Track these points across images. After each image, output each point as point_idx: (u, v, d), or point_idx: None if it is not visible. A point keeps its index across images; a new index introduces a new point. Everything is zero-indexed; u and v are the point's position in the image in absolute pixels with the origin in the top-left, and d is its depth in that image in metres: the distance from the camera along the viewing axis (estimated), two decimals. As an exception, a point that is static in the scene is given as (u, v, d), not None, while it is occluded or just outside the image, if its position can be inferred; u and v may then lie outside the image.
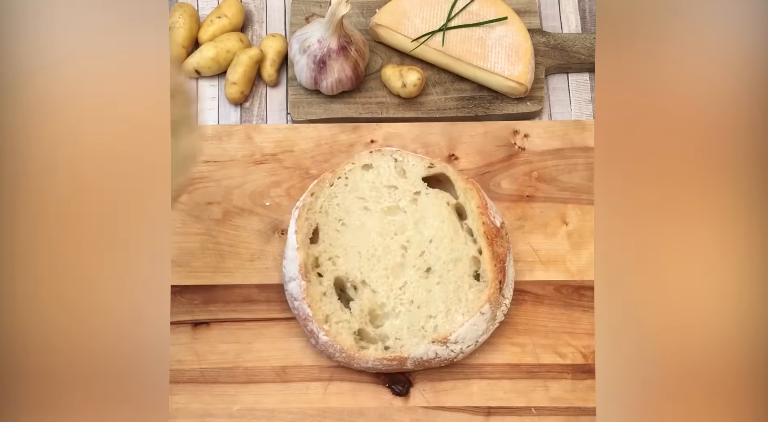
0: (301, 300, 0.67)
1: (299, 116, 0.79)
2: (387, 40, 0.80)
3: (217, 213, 0.74)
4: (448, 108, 0.79)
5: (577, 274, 0.73)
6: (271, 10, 0.84)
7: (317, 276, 0.68)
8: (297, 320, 0.69)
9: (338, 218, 0.70)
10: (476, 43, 0.78)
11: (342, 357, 0.67)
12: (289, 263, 0.68)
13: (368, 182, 0.71)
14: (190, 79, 0.81)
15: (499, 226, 0.69)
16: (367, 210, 0.70)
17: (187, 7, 0.80)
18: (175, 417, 0.68)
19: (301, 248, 0.67)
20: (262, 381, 0.69)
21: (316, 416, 0.68)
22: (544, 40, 0.81)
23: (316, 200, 0.70)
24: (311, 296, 0.67)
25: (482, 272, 0.68)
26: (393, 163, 0.71)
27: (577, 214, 0.75)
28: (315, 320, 0.66)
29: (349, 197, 0.70)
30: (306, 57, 0.76)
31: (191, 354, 0.70)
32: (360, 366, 0.67)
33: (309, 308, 0.66)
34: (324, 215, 0.70)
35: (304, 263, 0.67)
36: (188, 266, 0.72)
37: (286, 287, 0.68)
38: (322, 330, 0.66)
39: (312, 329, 0.67)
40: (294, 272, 0.67)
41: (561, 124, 0.78)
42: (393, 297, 0.68)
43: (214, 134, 0.76)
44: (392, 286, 0.68)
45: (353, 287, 0.68)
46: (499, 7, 0.79)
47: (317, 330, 0.66)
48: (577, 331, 0.71)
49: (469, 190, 0.70)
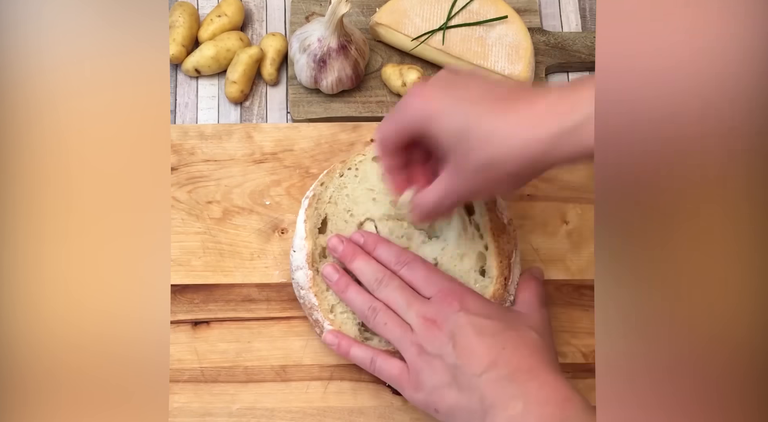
0: (307, 289, 0.67)
1: (299, 115, 0.79)
2: (387, 39, 0.80)
3: (217, 212, 0.74)
4: (449, 107, 0.79)
5: (577, 273, 0.73)
6: (271, 9, 0.84)
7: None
8: (302, 309, 0.69)
9: (347, 208, 0.70)
10: (476, 42, 0.78)
11: None
12: (297, 252, 0.68)
13: (378, 174, 0.71)
14: (190, 78, 0.81)
15: (506, 223, 0.69)
16: (375, 202, 0.70)
17: (187, 6, 0.80)
18: (175, 417, 0.68)
19: (309, 237, 0.68)
20: (262, 380, 0.69)
21: (316, 415, 0.68)
22: (545, 39, 0.81)
23: (325, 190, 0.70)
24: (318, 286, 0.67)
25: (488, 268, 0.68)
26: None
27: (577, 213, 0.75)
28: (321, 309, 0.66)
29: (358, 188, 0.70)
30: (306, 56, 0.76)
31: (191, 353, 0.70)
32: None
33: (315, 298, 0.66)
34: (333, 206, 0.70)
35: (311, 252, 0.67)
36: (188, 266, 0.72)
37: (293, 276, 0.68)
38: (327, 320, 0.66)
39: (317, 318, 0.67)
40: (301, 262, 0.67)
41: (561, 123, 0.77)
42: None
43: (214, 132, 0.76)
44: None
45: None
46: (500, 5, 0.79)
47: (322, 319, 0.66)
48: (577, 330, 0.71)
49: None
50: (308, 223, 0.68)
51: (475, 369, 0.58)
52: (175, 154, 0.75)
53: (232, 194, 0.74)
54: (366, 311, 0.64)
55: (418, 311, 0.62)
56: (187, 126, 0.77)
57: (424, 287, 0.64)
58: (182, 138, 0.76)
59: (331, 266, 0.66)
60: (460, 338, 0.60)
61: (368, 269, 0.65)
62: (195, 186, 0.74)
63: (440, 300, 0.62)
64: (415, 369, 0.61)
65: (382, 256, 0.66)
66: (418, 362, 0.61)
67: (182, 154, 0.75)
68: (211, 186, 0.75)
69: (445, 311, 0.61)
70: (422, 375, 0.61)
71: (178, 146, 0.76)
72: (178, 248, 0.73)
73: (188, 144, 0.76)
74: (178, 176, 0.75)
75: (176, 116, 0.80)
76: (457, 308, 0.61)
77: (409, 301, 0.63)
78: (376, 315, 0.64)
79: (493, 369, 0.58)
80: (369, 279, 0.65)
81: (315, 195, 0.69)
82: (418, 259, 0.65)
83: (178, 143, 0.76)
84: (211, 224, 0.73)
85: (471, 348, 0.59)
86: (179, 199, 0.74)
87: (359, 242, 0.67)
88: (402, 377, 0.63)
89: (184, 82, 0.81)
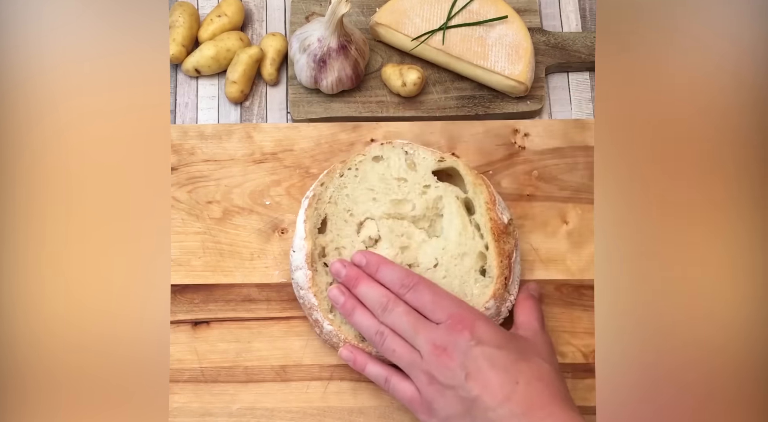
0: (306, 289, 0.67)
1: (299, 115, 0.78)
2: (387, 39, 0.80)
3: (217, 212, 0.74)
4: (448, 107, 0.79)
5: (577, 273, 0.73)
6: (271, 9, 0.84)
7: (324, 266, 0.68)
8: (302, 309, 0.69)
9: (347, 208, 0.70)
10: (476, 42, 0.78)
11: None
12: (297, 252, 0.68)
13: (378, 173, 0.71)
14: (190, 78, 0.81)
15: (507, 223, 0.69)
16: (375, 201, 0.70)
17: (187, 6, 0.80)
18: (175, 416, 0.68)
19: (309, 237, 0.67)
20: (262, 380, 0.69)
21: (316, 415, 0.68)
22: (545, 39, 0.81)
23: (325, 190, 0.70)
24: (317, 286, 0.67)
25: (488, 268, 0.68)
26: (404, 155, 0.71)
27: (577, 213, 0.75)
28: (320, 309, 0.66)
29: (358, 188, 0.70)
30: (306, 56, 0.76)
31: (191, 353, 0.70)
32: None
33: (314, 298, 0.66)
34: (333, 206, 0.70)
35: (311, 252, 0.67)
36: (188, 266, 0.72)
37: (293, 275, 0.68)
38: (327, 320, 0.66)
39: (317, 318, 0.67)
40: (301, 262, 0.67)
41: (561, 123, 0.78)
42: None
43: (214, 132, 0.76)
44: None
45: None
46: (500, 5, 0.79)
47: (322, 319, 0.66)
48: (577, 330, 0.71)
49: (478, 185, 0.70)
50: (308, 223, 0.68)
51: (489, 404, 0.58)
52: (175, 154, 0.75)
53: (232, 194, 0.74)
54: (373, 336, 0.64)
55: (427, 337, 0.61)
56: (187, 126, 0.77)
57: (432, 313, 0.63)
58: (182, 138, 0.76)
59: (336, 288, 0.66)
60: (472, 370, 0.59)
61: (373, 294, 0.64)
62: (195, 186, 0.74)
63: (450, 328, 0.61)
64: (427, 398, 0.61)
65: (386, 278, 0.65)
66: (430, 391, 0.60)
67: (182, 154, 0.75)
68: (211, 186, 0.75)
69: (455, 340, 0.60)
70: (435, 404, 0.60)
71: (178, 146, 0.76)
72: (178, 248, 0.73)
73: (188, 144, 0.76)
74: (178, 176, 0.75)
75: (176, 116, 0.80)
76: (468, 338, 0.60)
77: (416, 327, 0.62)
78: (384, 340, 0.63)
79: (507, 404, 0.57)
80: (374, 305, 0.64)
81: (315, 195, 0.69)
82: (422, 281, 0.64)
83: (178, 143, 0.76)
84: (211, 224, 0.73)
85: (484, 381, 0.59)
86: (179, 199, 0.74)
87: (361, 263, 0.66)
88: (414, 401, 0.62)
89: (184, 82, 0.81)
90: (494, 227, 0.68)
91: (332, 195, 0.70)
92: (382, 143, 0.72)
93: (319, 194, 0.69)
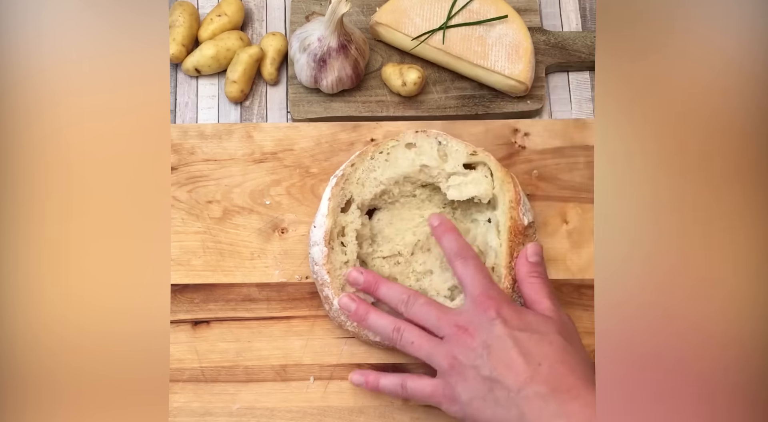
0: (321, 266, 0.67)
1: (299, 115, 0.78)
2: (387, 38, 0.80)
3: (217, 212, 0.74)
4: (449, 107, 0.79)
5: (577, 273, 0.73)
6: (271, 9, 0.84)
7: (341, 246, 0.68)
8: (315, 284, 0.70)
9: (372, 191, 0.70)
10: (476, 41, 0.78)
11: (352, 327, 0.67)
12: (317, 228, 0.69)
13: (409, 160, 0.71)
14: (190, 77, 0.81)
15: (527, 225, 0.69)
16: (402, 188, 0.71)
17: (187, 6, 0.80)
18: (175, 416, 0.68)
19: (330, 215, 0.68)
20: (263, 380, 0.69)
21: (317, 415, 0.68)
22: (545, 39, 0.81)
23: (354, 171, 0.70)
24: (331, 263, 0.67)
25: (496, 267, 0.68)
26: (437, 145, 0.71)
27: (577, 213, 0.75)
28: (332, 287, 0.67)
29: (387, 172, 0.70)
30: (306, 55, 0.76)
31: (191, 352, 0.70)
32: (369, 337, 0.68)
33: (327, 275, 0.67)
34: (360, 187, 0.70)
35: (330, 230, 0.68)
36: (188, 265, 0.72)
37: (310, 250, 0.69)
38: (337, 297, 0.67)
39: (327, 294, 0.68)
40: (319, 238, 0.68)
41: (561, 122, 0.78)
42: (413, 279, 0.69)
43: (214, 132, 0.76)
44: (412, 268, 0.70)
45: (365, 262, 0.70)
46: (500, 5, 0.79)
47: (332, 296, 0.67)
48: (578, 330, 0.71)
49: (507, 183, 0.70)
50: (332, 201, 0.69)
51: (511, 385, 0.58)
52: (175, 153, 0.75)
53: (232, 194, 0.74)
54: (391, 333, 0.64)
55: (450, 321, 0.62)
56: (187, 126, 0.77)
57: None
58: (182, 138, 0.76)
59: (347, 296, 0.67)
60: (495, 349, 0.59)
61: (394, 292, 0.65)
62: (195, 186, 0.74)
63: (476, 306, 0.62)
64: (449, 383, 0.61)
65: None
66: (451, 374, 0.61)
67: (182, 153, 0.75)
68: (211, 186, 0.75)
69: (479, 319, 0.61)
70: (457, 387, 0.60)
71: (178, 146, 0.76)
72: (178, 248, 0.73)
73: (188, 144, 0.76)
74: (178, 175, 0.75)
75: (176, 116, 0.80)
76: (493, 316, 0.61)
77: (439, 314, 0.63)
78: (402, 335, 0.64)
79: (530, 385, 0.58)
80: (396, 301, 0.65)
81: (344, 175, 0.70)
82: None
83: (178, 143, 0.76)
84: (211, 223, 0.73)
85: (507, 361, 0.59)
86: (179, 198, 0.74)
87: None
88: (436, 392, 0.62)
89: (184, 81, 0.81)
90: (513, 226, 0.68)
91: (360, 177, 0.70)
92: (417, 130, 0.72)
93: (348, 174, 0.70)
